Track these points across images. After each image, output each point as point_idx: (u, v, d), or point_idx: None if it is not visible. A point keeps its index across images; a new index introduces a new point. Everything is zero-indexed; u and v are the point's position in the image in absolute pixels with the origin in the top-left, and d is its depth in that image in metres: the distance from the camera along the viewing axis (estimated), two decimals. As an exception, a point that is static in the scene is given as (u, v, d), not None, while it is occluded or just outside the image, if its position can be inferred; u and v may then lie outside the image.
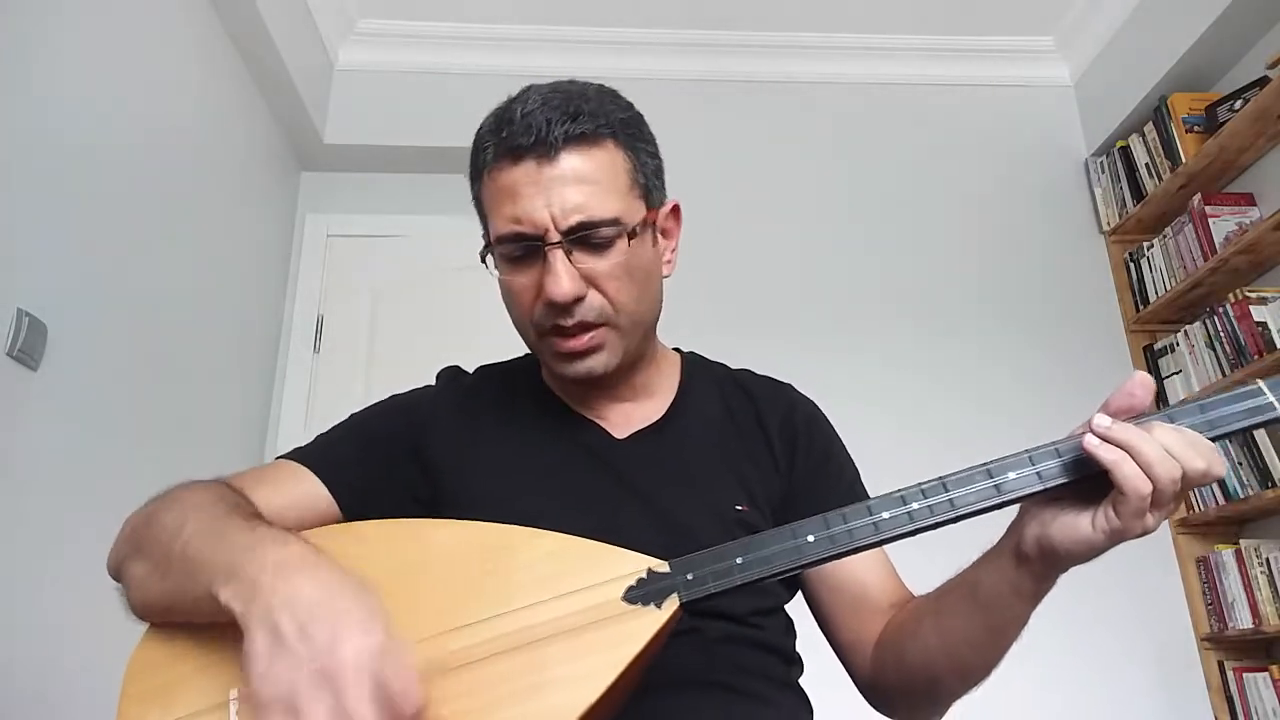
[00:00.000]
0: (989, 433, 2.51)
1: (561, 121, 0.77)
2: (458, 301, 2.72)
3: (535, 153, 0.77)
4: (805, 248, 2.75)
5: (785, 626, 0.86)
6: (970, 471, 0.64)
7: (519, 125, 0.78)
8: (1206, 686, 2.33)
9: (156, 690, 0.66)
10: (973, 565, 0.72)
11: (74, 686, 1.53)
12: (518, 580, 0.65)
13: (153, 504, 0.76)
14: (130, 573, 0.73)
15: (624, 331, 0.82)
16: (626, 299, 0.81)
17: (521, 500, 0.80)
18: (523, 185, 0.77)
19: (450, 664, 0.61)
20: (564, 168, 0.77)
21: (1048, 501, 0.64)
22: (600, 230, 0.78)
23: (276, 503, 0.79)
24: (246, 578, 0.60)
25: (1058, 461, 0.63)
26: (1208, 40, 2.44)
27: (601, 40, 2.86)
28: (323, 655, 0.54)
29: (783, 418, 0.91)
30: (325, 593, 0.58)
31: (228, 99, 2.39)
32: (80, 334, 1.66)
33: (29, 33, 1.55)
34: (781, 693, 0.82)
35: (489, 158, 0.81)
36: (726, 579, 0.63)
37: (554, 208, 0.76)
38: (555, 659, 0.60)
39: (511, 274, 0.81)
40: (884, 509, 0.64)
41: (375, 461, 0.86)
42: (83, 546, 1.67)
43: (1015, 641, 0.71)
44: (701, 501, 0.83)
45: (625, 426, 0.88)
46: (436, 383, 0.95)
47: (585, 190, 0.77)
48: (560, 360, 0.82)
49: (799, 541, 0.64)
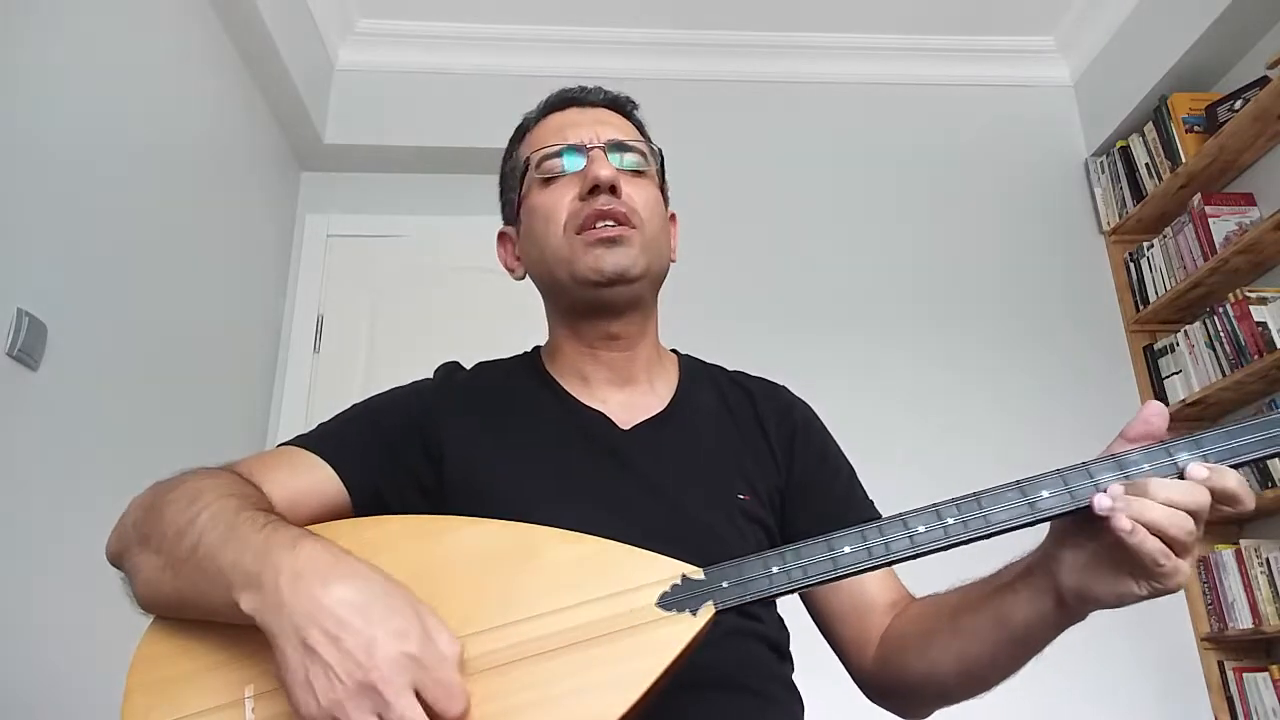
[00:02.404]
0: (989, 432, 2.54)
1: (601, 91, 0.96)
2: (458, 301, 2.73)
3: (578, 102, 0.94)
4: (804, 248, 2.74)
5: (779, 622, 0.87)
6: (1004, 488, 0.64)
7: (562, 91, 0.95)
8: (1206, 686, 2.33)
9: (163, 684, 0.65)
10: (999, 593, 0.71)
11: (73, 686, 1.53)
12: (546, 583, 0.64)
13: (159, 490, 0.74)
14: (136, 564, 0.71)
15: (646, 246, 0.87)
16: (650, 220, 0.88)
17: (527, 487, 0.81)
18: (569, 119, 0.92)
19: (478, 667, 0.60)
20: (603, 114, 0.93)
21: (1083, 541, 0.64)
22: (632, 149, 0.90)
23: (289, 491, 0.78)
24: (267, 586, 0.59)
25: (1090, 482, 0.63)
26: (1208, 40, 2.44)
27: (601, 40, 2.86)
28: (361, 668, 0.54)
29: (780, 416, 0.93)
30: (350, 597, 0.57)
31: (228, 99, 2.39)
32: (80, 334, 1.66)
33: (29, 33, 1.55)
34: (783, 689, 0.82)
35: (533, 116, 0.96)
36: (761, 588, 0.62)
37: (597, 131, 0.90)
38: (588, 664, 0.60)
39: (547, 190, 0.89)
40: (919, 522, 0.63)
41: (383, 451, 0.85)
42: (82, 546, 1.67)
43: (1029, 659, 0.71)
44: (706, 490, 0.84)
45: (629, 417, 0.88)
46: (435, 376, 0.95)
47: (621, 129, 0.92)
48: (594, 250, 0.84)
49: (835, 553, 0.63)
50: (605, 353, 0.90)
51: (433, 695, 0.55)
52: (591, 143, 0.88)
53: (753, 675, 0.79)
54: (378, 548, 0.66)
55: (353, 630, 0.55)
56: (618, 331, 0.89)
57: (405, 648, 0.55)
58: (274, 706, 0.61)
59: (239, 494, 0.70)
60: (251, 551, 0.61)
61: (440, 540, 0.68)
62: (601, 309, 0.88)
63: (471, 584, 0.64)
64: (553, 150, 0.88)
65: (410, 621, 0.57)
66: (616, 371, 0.90)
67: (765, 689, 0.79)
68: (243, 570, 0.61)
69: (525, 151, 0.92)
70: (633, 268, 0.85)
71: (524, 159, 0.92)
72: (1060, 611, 0.66)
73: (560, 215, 0.86)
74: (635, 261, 0.85)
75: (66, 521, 1.57)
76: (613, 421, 0.88)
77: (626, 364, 0.91)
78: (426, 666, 0.55)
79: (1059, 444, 2.58)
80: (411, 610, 0.58)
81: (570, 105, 0.93)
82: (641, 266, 0.86)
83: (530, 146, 0.92)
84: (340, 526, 0.73)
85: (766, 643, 0.82)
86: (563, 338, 0.93)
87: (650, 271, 0.88)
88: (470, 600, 0.64)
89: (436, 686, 0.55)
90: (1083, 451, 0.81)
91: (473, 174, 2.86)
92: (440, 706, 0.55)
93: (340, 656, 0.54)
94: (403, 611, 0.57)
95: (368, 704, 0.53)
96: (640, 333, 0.91)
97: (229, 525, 0.65)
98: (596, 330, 0.89)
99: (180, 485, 0.72)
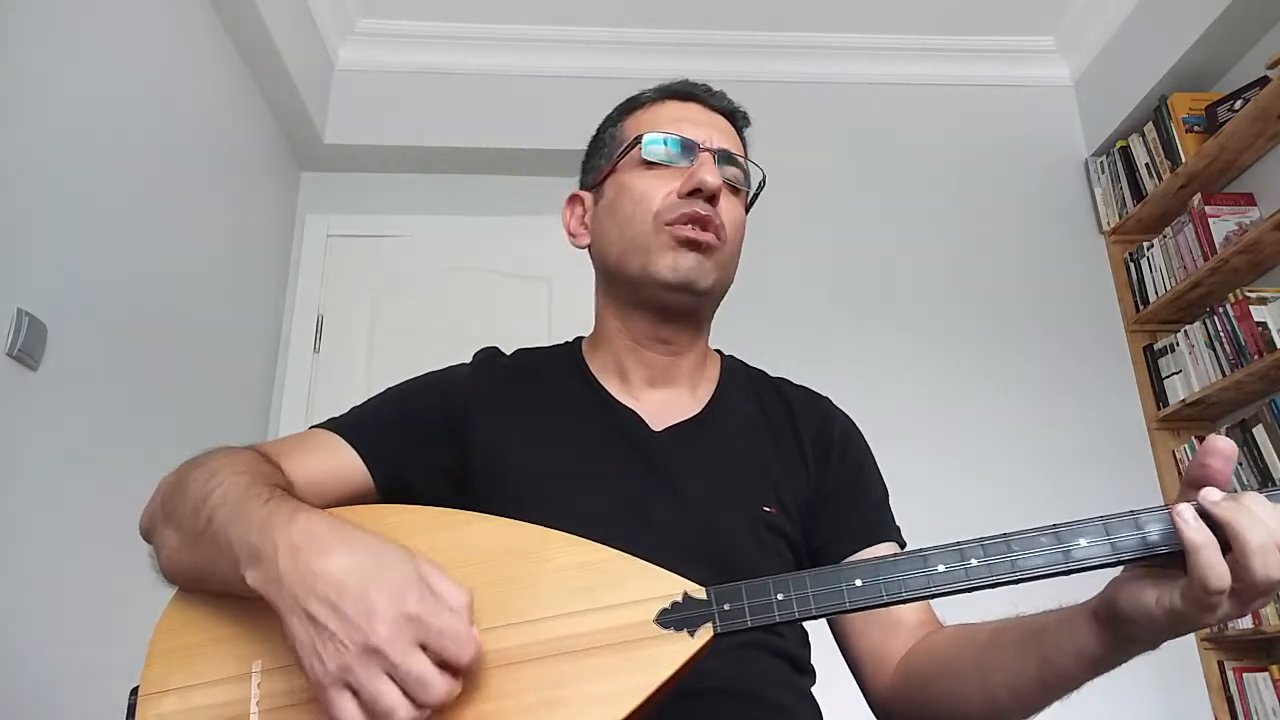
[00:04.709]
0: (988, 433, 2.54)
1: (724, 97, 0.95)
2: (458, 301, 2.73)
3: (702, 100, 0.93)
4: (802, 247, 2.74)
5: (801, 637, 0.86)
6: (1037, 533, 0.60)
7: (688, 83, 0.94)
8: (1206, 686, 2.33)
9: (183, 650, 0.67)
10: (1044, 611, 0.68)
11: (77, 685, 1.53)
12: (550, 588, 0.63)
13: (184, 469, 0.75)
14: (161, 539, 0.73)
15: (722, 264, 0.87)
16: (733, 239, 0.88)
17: (552, 480, 0.81)
18: (689, 113, 0.91)
19: (476, 666, 0.60)
20: (720, 121, 0.92)
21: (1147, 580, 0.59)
22: (738, 165, 0.90)
23: (310, 473, 0.79)
24: (266, 559, 0.60)
25: (1137, 535, 0.58)
26: (1208, 40, 2.44)
27: (602, 40, 2.86)
28: (362, 632, 0.54)
29: (818, 427, 0.92)
30: (347, 564, 0.57)
31: (228, 99, 2.39)
32: (80, 334, 1.66)
33: (29, 33, 1.55)
34: (799, 702, 0.81)
35: (648, 97, 0.94)
36: (764, 615, 0.60)
37: (711, 135, 0.89)
38: (581, 675, 0.59)
39: (646, 174, 0.88)
40: (940, 561, 0.60)
41: (411, 435, 0.85)
42: (83, 546, 1.68)
43: (1058, 701, 0.67)
44: (730, 500, 0.83)
45: (662, 419, 0.88)
46: (473, 360, 0.95)
47: (732, 141, 0.92)
48: (677, 249, 0.84)
49: (845, 585, 0.60)
50: (649, 353, 0.90)
51: (438, 646, 0.55)
52: (706, 144, 0.88)
53: (763, 685, 0.77)
54: (391, 538, 0.67)
55: (351, 596, 0.56)
56: (668, 336, 0.89)
57: (404, 607, 0.55)
58: (281, 682, 0.62)
59: (252, 471, 0.71)
60: (255, 526, 0.62)
61: (452, 534, 0.68)
62: (660, 309, 0.87)
63: (477, 581, 0.64)
64: (666, 137, 0.88)
65: (408, 580, 0.57)
66: (658, 372, 0.90)
67: (776, 698, 0.78)
68: (248, 545, 0.61)
69: (635, 127, 0.91)
70: (704, 280, 0.85)
71: (631, 134, 0.90)
72: (1092, 629, 0.62)
73: (654, 203, 0.86)
74: (708, 275, 0.85)
75: (66, 521, 1.57)
76: (645, 422, 0.87)
77: (669, 367, 0.90)
78: (427, 621, 0.55)
79: (1059, 444, 2.61)
80: (410, 568, 0.58)
81: (693, 100, 0.93)
82: (711, 280, 0.86)
83: (642, 125, 0.91)
84: (359, 513, 0.73)
85: (783, 657, 0.81)
86: (612, 328, 0.92)
87: (716, 288, 0.88)
88: (475, 597, 0.63)
89: (440, 638, 0.55)
90: (1081, 452, 0.81)
91: (473, 174, 2.86)
92: (448, 655, 0.55)
93: (341, 623, 0.55)
94: (401, 570, 0.57)
95: (376, 665, 0.54)
96: (690, 342, 0.91)
97: (237, 502, 0.66)
98: (648, 328, 0.89)
99: (202, 464, 0.73)
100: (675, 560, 0.64)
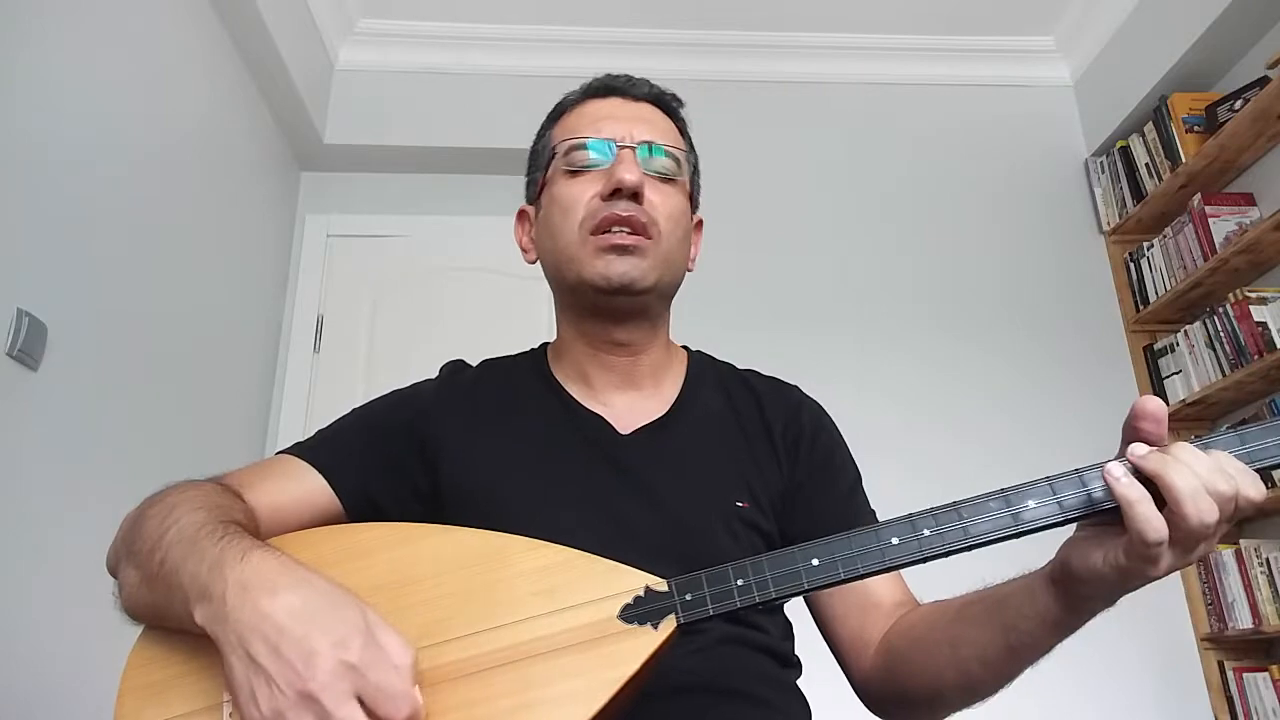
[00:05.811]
0: (988, 431, 2.54)
1: (647, 85, 0.92)
2: (458, 301, 2.73)
3: (622, 92, 0.91)
4: (802, 247, 2.74)
5: (785, 629, 0.86)
6: (986, 498, 0.61)
7: (608, 77, 0.92)
8: (1206, 686, 2.33)
9: (154, 686, 0.66)
10: (1007, 581, 0.69)
11: (72, 686, 1.53)
12: (513, 594, 0.63)
13: (144, 506, 0.74)
14: (124, 576, 0.72)
15: (659, 260, 0.84)
16: (669, 232, 0.85)
17: (521, 493, 0.80)
18: (607, 109, 0.89)
19: (442, 677, 0.60)
20: (644, 111, 0.90)
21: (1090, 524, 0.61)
22: (664, 156, 0.87)
23: (276, 501, 0.78)
24: (215, 598, 0.59)
25: (1082, 492, 0.59)
26: (1208, 40, 2.44)
27: (601, 40, 2.85)
28: (300, 678, 0.53)
29: (788, 417, 0.91)
30: (294, 606, 0.57)
31: (228, 99, 2.39)
32: (80, 334, 1.66)
33: (29, 32, 1.55)
34: (783, 695, 0.81)
35: (573, 98, 0.93)
36: (726, 602, 0.61)
37: (632, 129, 0.86)
38: (548, 677, 0.60)
39: (570, 182, 0.86)
40: (893, 534, 0.61)
41: (378, 456, 0.85)
42: (82, 546, 1.67)
43: (1029, 667, 0.68)
44: (702, 497, 0.82)
45: (629, 421, 0.87)
46: (439, 375, 0.95)
47: (658, 130, 0.89)
48: (604, 256, 0.82)
49: (803, 565, 0.61)
50: (609, 356, 0.89)
51: (373, 701, 0.54)
52: (624, 140, 0.85)
53: (745, 680, 0.77)
54: (351, 555, 0.67)
55: (293, 639, 0.55)
56: (622, 338, 0.88)
57: (345, 656, 0.54)
58: None
59: (210, 506, 0.70)
60: (206, 564, 0.61)
61: (412, 548, 0.68)
62: (608, 314, 0.86)
63: (440, 593, 0.64)
64: (583, 141, 0.86)
65: (353, 629, 0.56)
66: (620, 375, 0.89)
67: (759, 693, 0.78)
68: (199, 583, 0.61)
69: (557, 135, 0.90)
70: (641, 280, 0.83)
71: (554, 143, 0.89)
72: (1052, 593, 0.63)
73: (578, 211, 0.84)
74: (645, 274, 0.83)
75: (66, 521, 1.57)
76: (612, 426, 0.86)
77: (630, 369, 0.89)
78: (367, 674, 0.54)
79: (1058, 444, 2.59)
80: (357, 617, 0.57)
81: (612, 94, 0.90)
82: (651, 279, 0.84)
83: (563, 131, 0.90)
84: (318, 534, 0.73)
85: (766, 651, 0.81)
86: (570, 336, 0.91)
87: (660, 284, 0.85)
88: (438, 609, 0.64)
89: (377, 693, 0.54)
90: (1081, 452, 0.81)
91: (473, 174, 2.86)
92: (382, 712, 0.54)
93: (280, 666, 0.54)
94: (347, 619, 0.57)
95: (309, 713, 0.53)
96: (647, 340, 0.90)
97: (190, 540, 0.65)
98: (601, 334, 0.88)
99: (160, 500, 0.73)
100: (650, 561, 0.64)
